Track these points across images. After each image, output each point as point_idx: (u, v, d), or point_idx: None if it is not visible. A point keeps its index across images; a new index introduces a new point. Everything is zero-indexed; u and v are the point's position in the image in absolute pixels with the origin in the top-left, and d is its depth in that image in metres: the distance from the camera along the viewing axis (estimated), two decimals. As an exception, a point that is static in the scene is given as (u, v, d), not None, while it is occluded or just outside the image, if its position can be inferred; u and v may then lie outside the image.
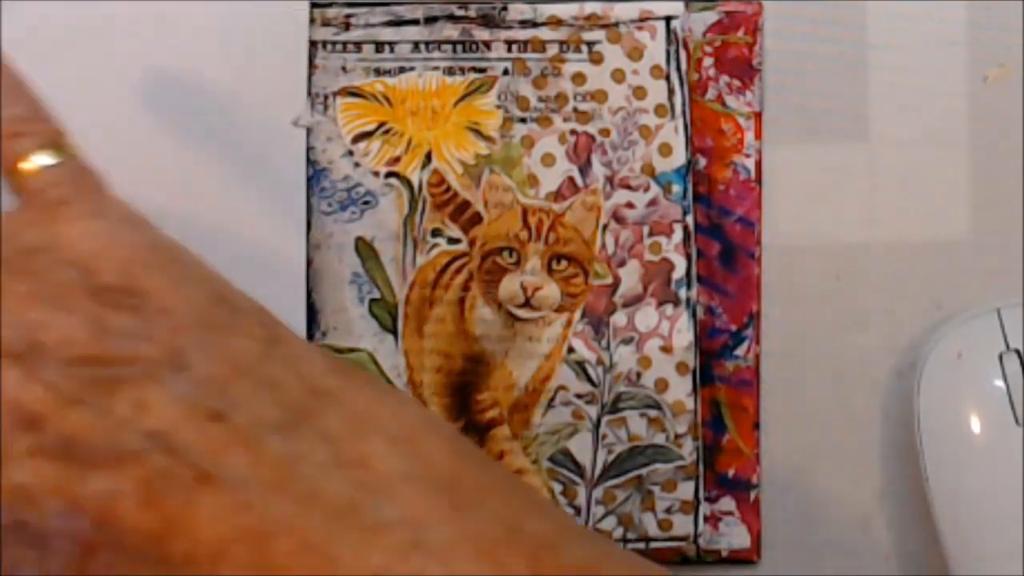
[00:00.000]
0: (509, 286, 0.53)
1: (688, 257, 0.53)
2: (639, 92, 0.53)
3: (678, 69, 0.53)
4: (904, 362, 0.54)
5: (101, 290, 0.41)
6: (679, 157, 0.53)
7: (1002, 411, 0.52)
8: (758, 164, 0.53)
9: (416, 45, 0.53)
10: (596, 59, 0.53)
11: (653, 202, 0.53)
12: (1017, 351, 0.52)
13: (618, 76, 0.53)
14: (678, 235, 0.53)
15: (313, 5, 0.53)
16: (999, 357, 0.52)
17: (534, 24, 0.53)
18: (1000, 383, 0.52)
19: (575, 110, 0.53)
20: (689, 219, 0.53)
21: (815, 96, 0.54)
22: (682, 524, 0.54)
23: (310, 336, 0.53)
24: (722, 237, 0.54)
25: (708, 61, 0.53)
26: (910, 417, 0.53)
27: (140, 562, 0.38)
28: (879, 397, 0.55)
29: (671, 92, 0.53)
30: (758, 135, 0.53)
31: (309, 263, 0.53)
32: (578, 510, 0.53)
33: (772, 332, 0.54)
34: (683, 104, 0.53)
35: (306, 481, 0.39)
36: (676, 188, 0.53)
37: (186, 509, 0.38)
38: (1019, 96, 0.54)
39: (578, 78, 0.53)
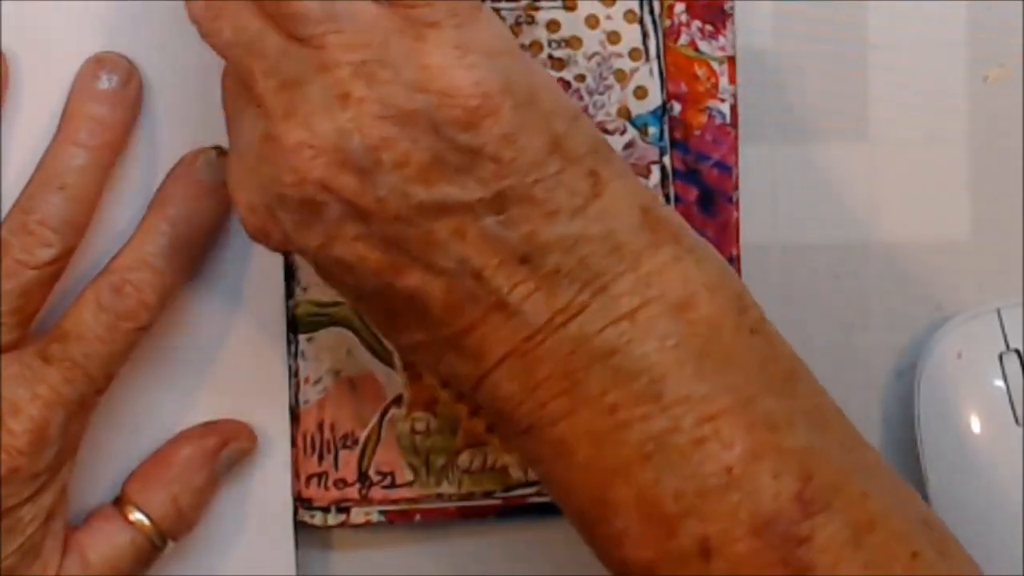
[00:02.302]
0: None
1: (666, 197, 0.53)
2: (613, 37, 0.53)
3: (651, 12, 0.53)
4: (904, 362, 0.54)
5: (445, 124, 0.43)
6: (654, 99, 0.53)
7: (1002, 411, 0.52)
8: (733, 108, 0.53)
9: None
10: (570, 6, 0.53)
11: (630, 145, 0.53)
12: (1017, 351, 0.52)
13: (592, 22, 0.53)
14: (655, 176, 0.53)
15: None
16: (999, 357, 0.52)
17: None
18: (1000, 383, 0.52)
19: (550, 57, 0.53)
20: (666, 160, 0.53)
21: (815, 96, 0.54)
22: None
23: (290, 292, 0.53)
24: (699, 182, 0.53)
25: (680, 7, 0.53)
26: (910, 417, 0.53)
27: (440, 336, 0.45)
28: (879, 397, 0.55)
29: (645, 36, 0.53)
30: (732, 80, 0.53)
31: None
32: None
33: (772, 332, 0.54)
34: (657, 47, 0.53)
35: (580, 327, 0.44)
36: (652, 130, 0.53)
37: (480, 323, 0.44)
38: (1019, 96, 0.54)
39: (552, 25, 0.53)
